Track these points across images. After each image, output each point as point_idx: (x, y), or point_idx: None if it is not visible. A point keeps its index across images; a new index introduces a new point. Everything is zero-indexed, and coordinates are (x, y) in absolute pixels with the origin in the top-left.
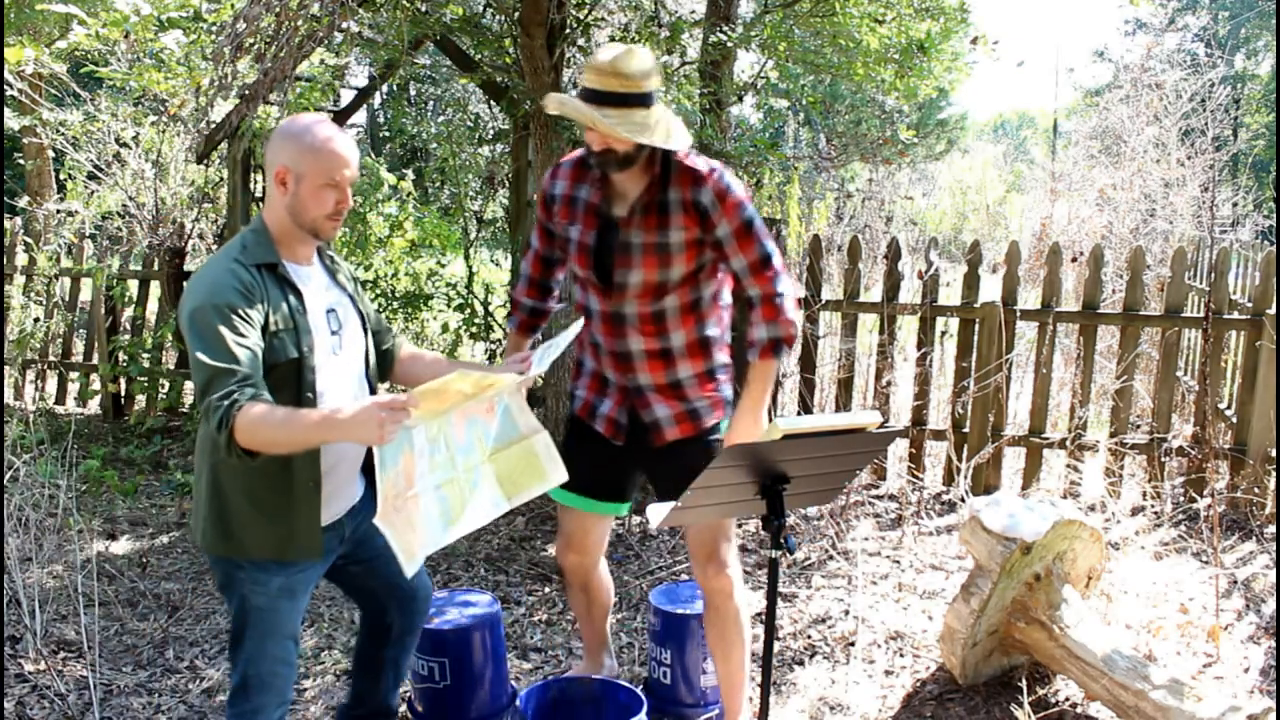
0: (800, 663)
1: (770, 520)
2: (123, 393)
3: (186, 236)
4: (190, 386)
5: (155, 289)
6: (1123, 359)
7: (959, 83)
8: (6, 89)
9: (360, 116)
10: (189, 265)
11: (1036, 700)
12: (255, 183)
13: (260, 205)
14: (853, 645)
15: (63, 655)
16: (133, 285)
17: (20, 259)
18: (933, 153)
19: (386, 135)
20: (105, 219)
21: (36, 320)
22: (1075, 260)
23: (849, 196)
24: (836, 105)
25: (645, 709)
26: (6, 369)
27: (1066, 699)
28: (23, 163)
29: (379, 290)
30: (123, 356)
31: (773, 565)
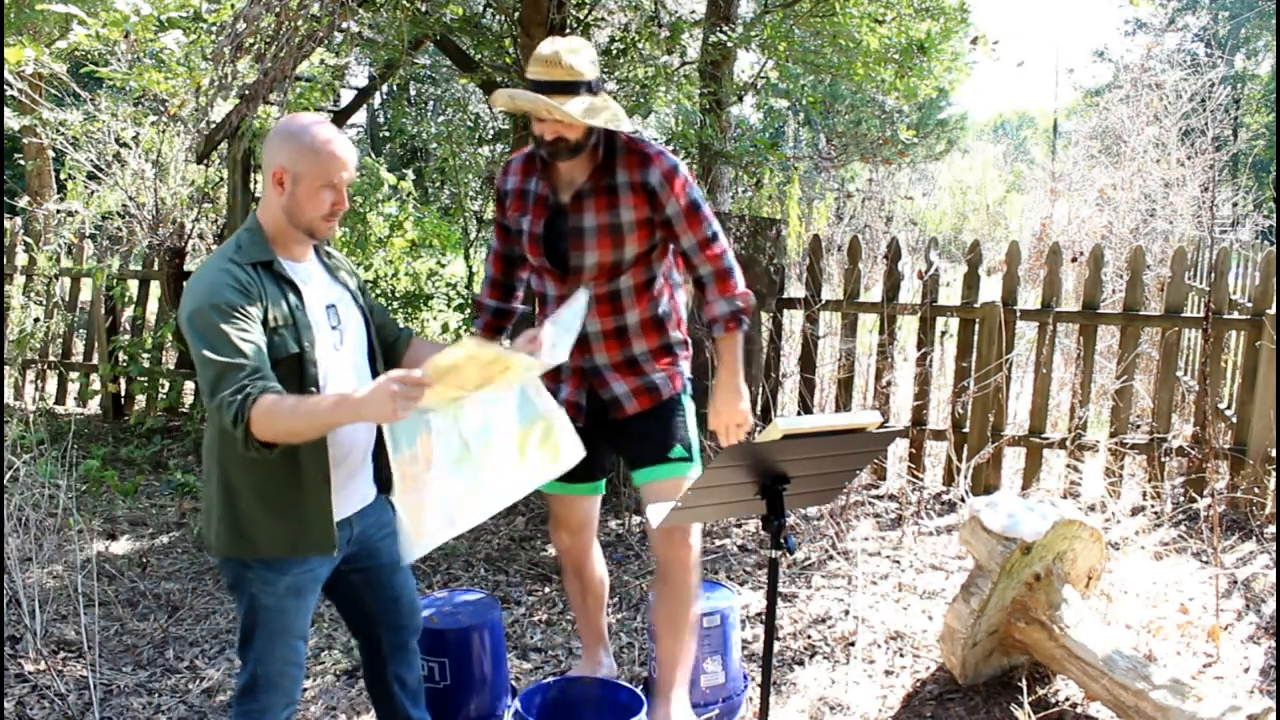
0: (800, 663)
1: (770, 520)
2: (123, 393)
3: (186, 236)
4: (190, 387)
5: (155, 289)
6: (1123, 359)
7: (959, 83)
8: (6, 89)
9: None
10: (189, 265)
11: (1036, 700)
12: (255, 183)
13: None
14: (853, 645)
15: (63, 655)
16: (133, 285)
17: (20, 259)
18: (933, 153)
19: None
20: (105, 219)
21: (36, 320)
22: (1075, 260)
23: (849, 196)
24: (836, 105)
25: (645, 709)
26: (6, 369)
27: (1066, 699)
28: (23, 163)
29: (379, 290)
30: (123, 356)
31: (773, 565)
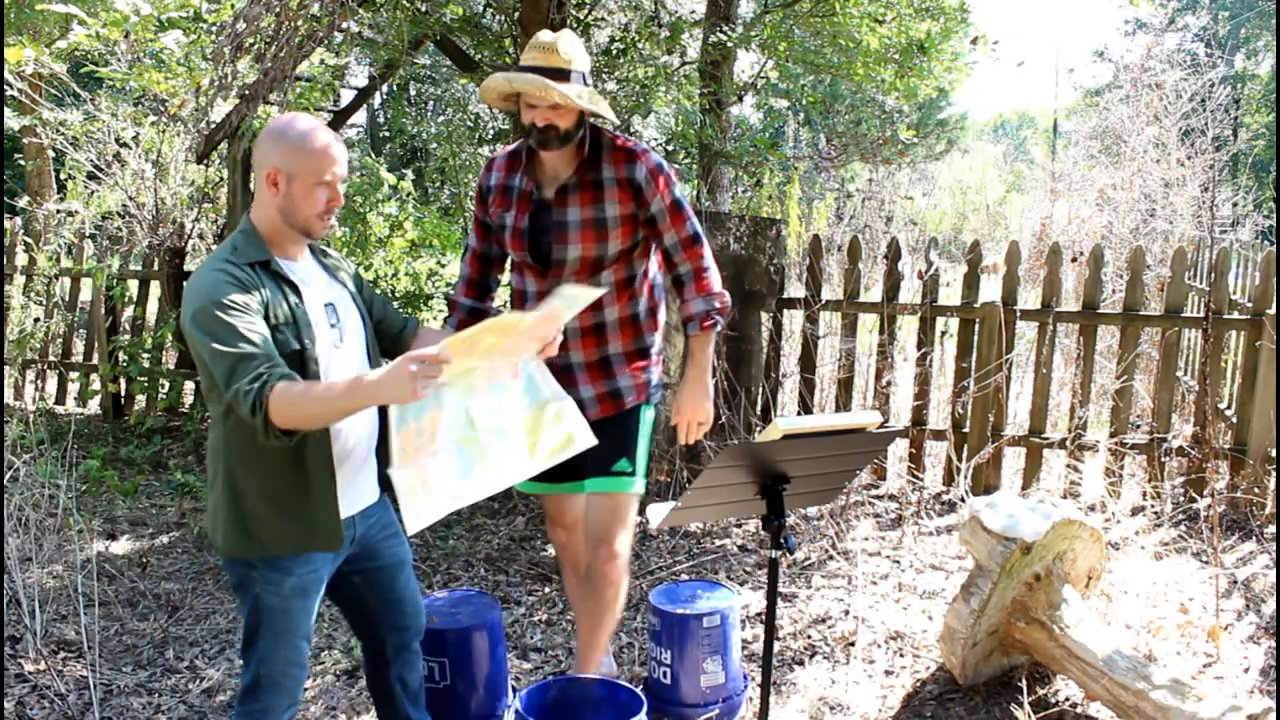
0: (800, 663)
1: (770, 520)
2: (123, 393)
3: (186, 236)
4: (190, 387)
5: (155, 289)
6: (1123, 359)
7: (959, 83)
8: (6, 89)
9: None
10: (189, 265)
11: (1036, 700)
12: (255, 183)
13: None
14: (853, 645)
15: (63, 655)
16: (133, 285)
17: (20, 259)
18: (933, 153)
19: (386, 135)
20: (105, 219)
21: (36, 320)
22: (1075, 260)
23: (849, 196)
24: (836, 105)
25: (645, 709)
26: (6, 369)
27: (1066, 699)
28: (23, 163)
29: (379, 290)
30: (123, 356)
31: (773, 565)
